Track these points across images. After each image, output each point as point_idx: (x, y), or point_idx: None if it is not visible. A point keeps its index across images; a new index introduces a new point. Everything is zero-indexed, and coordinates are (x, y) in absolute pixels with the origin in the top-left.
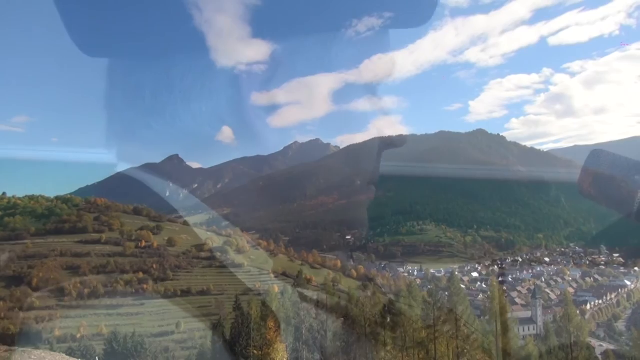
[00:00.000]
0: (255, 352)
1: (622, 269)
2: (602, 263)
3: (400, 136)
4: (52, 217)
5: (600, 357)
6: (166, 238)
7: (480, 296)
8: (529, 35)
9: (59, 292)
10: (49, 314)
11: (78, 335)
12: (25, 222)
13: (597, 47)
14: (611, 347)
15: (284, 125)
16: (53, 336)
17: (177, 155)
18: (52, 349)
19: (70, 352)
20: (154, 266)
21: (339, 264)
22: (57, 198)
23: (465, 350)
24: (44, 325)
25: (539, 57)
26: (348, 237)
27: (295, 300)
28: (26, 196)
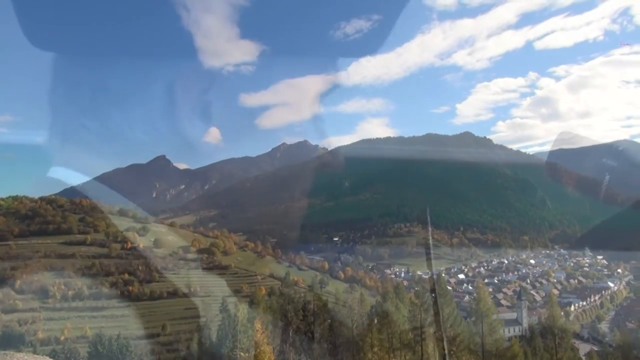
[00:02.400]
0: (242, 354)
1: (605, 271)
2: (586, 265)
3: (388, 138)
4: (36, 218)
5: (583, 358)
6: (152, 239)
7: (467, 298)
8: (515, 39)
9: (43, 294)
10: (32, 316)
11: (62, 338)
12: (9, 223)
13: (582, 51)
14: (595, 348)
15: (271, 127)
16: (36, 339)
17: (164, 156)
18: (35, 352)
19: (53, 354)
20: (140, 268)
21: (326, 265)
22: (42, 199)
23: (452, 352)
24: (26, 327)
25: (525, 61)
26: (335, 239)
27: (282, 302)
28: (9, 196)
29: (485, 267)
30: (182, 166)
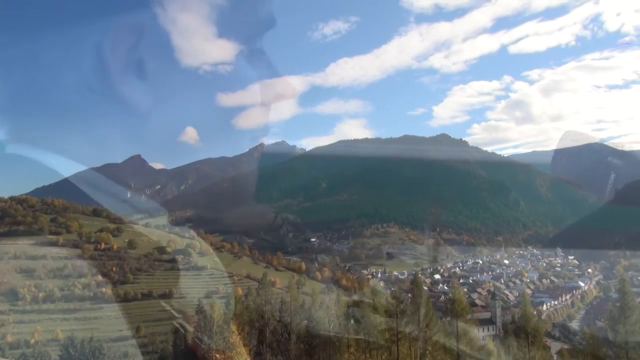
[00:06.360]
0: (218, 355)
1: (576, 271)
2: (558, 265)
3: (365, 139)
4: (6, 219)
5: (555, 356)
6: (126, 240)
7: (442, 298)
8: (490, 43)
9: (12, 296)
10: (1, 319)
11: (32, 341)
12: None
13: (555, 56)
14: (565, 346)
15: (249, 127)
16: (5, 342)
17: (139, 156)
18: (4, 356)
19: (23, 358)
20: (114, 269)
21: (303, 266)
22: (12, 198)
23: (427, 352)
24: None
25: (500, 65)
26: (313, 240)
27: (259, 303)
28: None
29: (461, 268)
30: (157, 166)
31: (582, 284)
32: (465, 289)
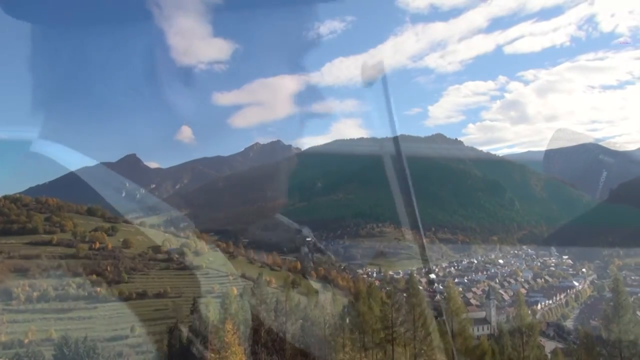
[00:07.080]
0: (213, 355)
1: (570, 270)
2: (552, 265)
3: (361, 139)
4: (0, 217)
5: (549, 355)
6: (121, 239)
7: (437, 297)
8: (485, 44)
9: (6, 296)
10: None
11: (26, 341)
12: None
13: (549, 57)
14: (560, 345)
15: (244, 126)
16: None
17: (134, 155)
18: None
19: (17, 358)
20: (108, 268)
21: (299, 265)
22: (5, 197)
23: (422, 351)
24: None
25: (495, 65)
26: (308, 239)
27: (254, 303)
28: None
29: (456, 267)
30: (153, 165)
31: (576, 283)
32: (460, 289)
